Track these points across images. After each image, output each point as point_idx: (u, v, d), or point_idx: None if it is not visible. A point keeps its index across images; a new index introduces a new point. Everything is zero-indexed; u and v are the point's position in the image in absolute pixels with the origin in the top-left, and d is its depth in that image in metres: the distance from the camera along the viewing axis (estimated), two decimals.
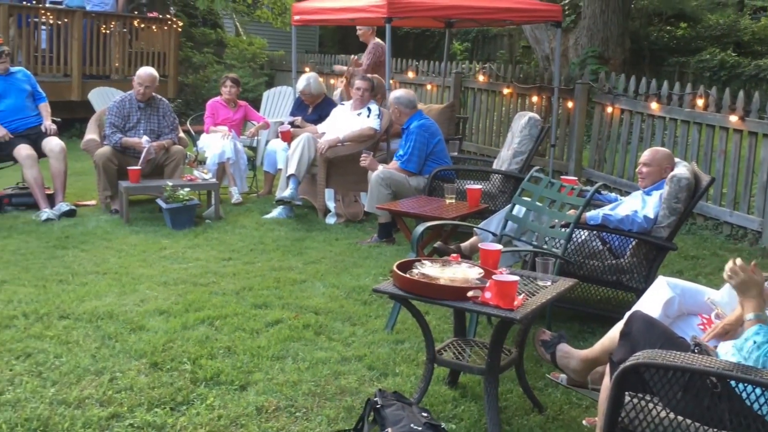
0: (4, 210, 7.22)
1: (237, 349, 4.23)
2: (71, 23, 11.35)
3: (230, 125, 8.33)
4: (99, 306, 4.77)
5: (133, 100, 7.48)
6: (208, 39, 17.03)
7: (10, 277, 5.31)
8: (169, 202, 6.79)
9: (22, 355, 4.03)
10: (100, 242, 6.31)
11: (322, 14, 8.89)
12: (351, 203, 7.48)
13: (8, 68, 7.46)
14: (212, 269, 5.71)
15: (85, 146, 7.64)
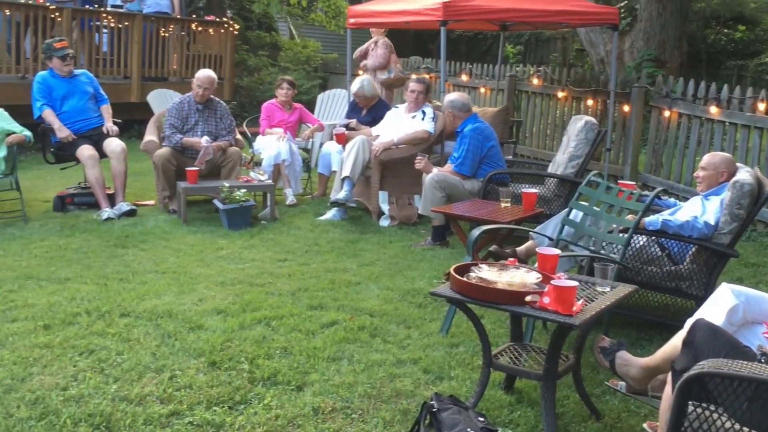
0: (66, 209, 7.40)
1: (293, 350, 4.27)
2: (132, 27, 11.58)
3: (286, 127, 8.41)
4: (158, 305, 4.86)
5: (192, 102, 7.61)
6: (263, 42, 17.23)
7: (74, 274, 5.44)
8: (225, 203, 6.89)
9: (85, 351, 4.13)
10: (159, 242, 6.43)
11: (377, 17, 8.92)
12: (405, 206, 7.50)
13: (72, 71, 7.65)
14: (268, 270, 5.77)
15: (145, 147, 7.80)
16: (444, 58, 7.79)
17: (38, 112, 7.46)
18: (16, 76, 10.43)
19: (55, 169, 8.25)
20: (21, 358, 4.00)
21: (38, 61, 10.45)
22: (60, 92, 7.49)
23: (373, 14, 8.94)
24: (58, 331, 4.37)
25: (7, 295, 4.95)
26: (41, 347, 4.15)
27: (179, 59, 12.58)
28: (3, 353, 4.05)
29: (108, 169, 7.45)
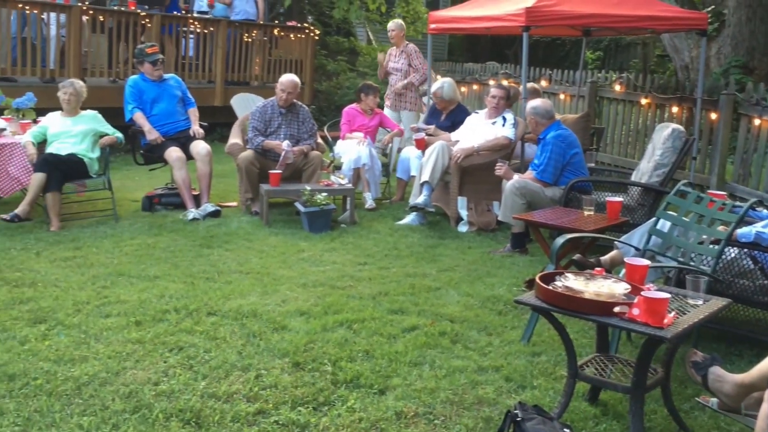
0: (154, 209, 7.62)
1: (375, 353, 4.30)
2: (216, 32, 11.85)
3: (366, 132, 8.48)
4: (243, 304, 4.96)
5: (275, 106, 7.74)
6: (341, 47, 17.39)
7: (162, 273, 5.60)
8: (307, 206, 6.99)
9: (174, 348, 4.25)
10: (242, 242, 6.56)
11: (458, 23, 8.92)
12: (483, 212, 7.47)
13: (162, 75, 7.87)
14: (349, 273, 5.83)
15: (229, 150, 7.97)
16: (525, 63, 7.74)
17: (129, 115, 7.71)
18: (107, 79, 10.78)
19: (143, 170, 8.51)
20: (115, 352, 4.14)
21: (129, 65, 10.79)
22: (150, 96, 7.72)
23: (454, 20, 8.95)
24: (149, 328, 4.50)
25: (101, 291, 5.13)
26: (133, 342, 4.28)
27: (261, 64, 12.81)
28: (98, 347, 4.20)
29: (194, 170, 7.65)
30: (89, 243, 6.34)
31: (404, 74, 9.80)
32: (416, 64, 9.80)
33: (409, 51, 9.87)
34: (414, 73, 9.79)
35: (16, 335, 4.32)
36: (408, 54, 9.84)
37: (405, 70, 9.80)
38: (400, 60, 9.86)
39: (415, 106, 9.85)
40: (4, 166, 7.00)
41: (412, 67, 9.81)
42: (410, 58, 9.82)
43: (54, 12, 10.16)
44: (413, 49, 9.90)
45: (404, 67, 9.80)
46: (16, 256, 5.90)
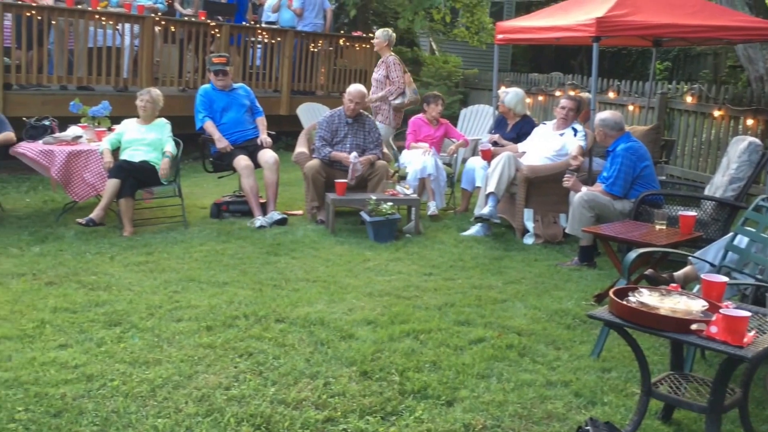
0: (222, 216, 7.74)
1: (442, 364, 4.29)
2: (283, 42, 12.01)
3: (431, 142, 8.49)
4: (311, 312, 5.00)
5: (342, 116, 7.80)
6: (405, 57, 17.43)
7: (231, 279, 5.68)
8: (372, 216, 7.02)
9: (244, 353, 4.31)
10: (309, 251, 6.62)
11: (526, 33, 8.87)
12: (550, 224, 7.40)
13: (230, 84, 8.01)
14: (414, 283, 5.84)
15: (296, 159, 8.06)
16: (595, 74, 7.66)
17: (200, 124, 7.86)
18: (177, 89, 11.01)
19: (210, 177, 8.66)
20: (187, 356, 4.22)
21: (198, 74, 11.01)
22: (220, 105, 7.86)
23: (522, 30, 8.91)
24: (220, 333, 4.58)
25: (172, 296, 5.24)
26: (204, 347, 4.36)
27: (326, 73, 12.93)
28: (171, 351, 4.29)
29: (261, 179, 7.75)
30: (160, 248, 6.47)
31: (381, 85, 9.35)
32: (393, 76, 9.23)
33: (388, 62, 9.30)
34: (390, 85, 9.28)
35: (93, 337, 4.43)
36: (387, 65, 9.31)
37: (382, 81, 9.33)
38: (380, 70, 9.40)
39: (387, 119, 9.26)
40: (80, 173, 7.20)
41: (389, 79, 9.33)
42: (388, 70, 9.29)
43: (128, 23, 10.43)
44: (393, 60, 9.36)
45: (381, 78, 9.34)
46: (91, 260, 6.06)
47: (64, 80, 9.95)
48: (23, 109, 9.14)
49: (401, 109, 9.36)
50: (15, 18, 9.28)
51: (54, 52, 9.84)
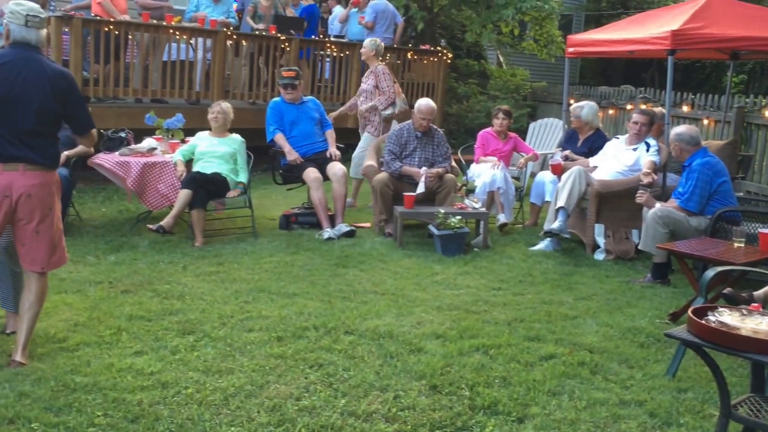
0: (291, 228, 7.82)
1: (512, 380, 4.25)
2: (352, 55, 12.10)
3: (500, 156, 8.43)
4: (380, 325, 5.01)
5: (411, 130, 7.81)
6: (472, 70, 17.41)
7: (300, 290, 5.73)
8: (440, 229, 7.00)
9: (315, 365, 4.33)
10: (377, 263, 6.64)
11: (599, 46, 8.76)
12: (621, 240, 7.28)
13: (300, 97, 8.10)
14: (483, 297, 5.80)
15: (364, 171, 8.11)
16: (670, 88, 7.52)
17: (271, 136, 7.97)
18: (247, 102, 11.19)
19: (279, 188, 8.76)
20: (259, 366, 4.26)
21: (268, 87, 11.17)
22: (290, 117, 7.96)
23: (594, 43, 8.80)
24: (290, 344, 4.62)
25: (243, 306, 5.30)
26: (275, 357, 4.40)
27: None
28: (243, 360, 4.34)
29: (329, 191, 7.81)
30: (231, 259, 6.57)
31: (370, 96, 9.18)
32: (383, 86, 9.04)
33: (377, 72, 9.11)
34: (380, 95, 9.11)
35: (167, 345, 4.52)
36: (376, 75, 9.11)
37: (371, 92, 9.17)
38: (368, 80, 9.20)
39: (377, 130, 9.02)
40: (155, 184, 7.36)
41: (379, 89, 9.14)
42: (377, 80, 9.08)
43: (201, 37, 10.66)
44: (382, 70, 9.22)
45: (370, 88, 9.18)
46: (164, 269, 6.18)
47: (139, 93, 10.20)
48: (100, 122, 9.34)
49: (391, 120, 9.17)
50: (94, 33, 9.56)
51: (130, 66, 10.11)
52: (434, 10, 15.38)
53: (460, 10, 15.93)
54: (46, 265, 4.26)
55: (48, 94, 4.09)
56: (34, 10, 4.06)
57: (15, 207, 4.07)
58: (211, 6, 11.04)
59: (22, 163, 4.05)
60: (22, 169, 4.05)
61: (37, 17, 4.06)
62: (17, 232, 4.19)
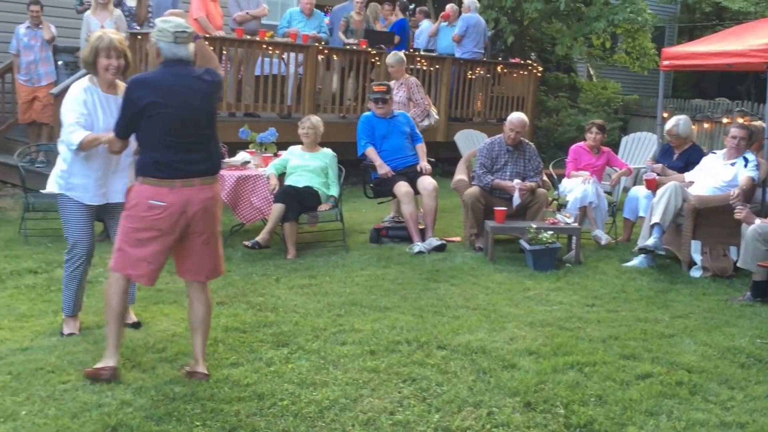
0: (381, 241, 7.87)
1: (608, 399, 4.18)
2: (441, 69, 12.14)
3: (592, 171, 8.29)
4: (472, 340, 4.99)
5: (503, 144, 7.77)
6: (561, 83, 17.22)
7: (392, 304, 5.76)
8: (532, 244, 6.94)
9: (408, 379, 4.35)
10: (468, 278, 6.61)
11: (695, 59, 8.56)
12: (719, 257, 7.06)
13: (391, 112, 8.16)
14: (576, 314, 5.71)
15: (455, 186, 8.11)
16: None
17: (362, 150, 8.06)
18: (337, 115, 11.34)
19: (369, 202, 8.83)
20: (352, 379, 4.30)
21: (358, 101, 11.30)
22: (381, 131, 8.03)
23: (690, 56, 8.61)
24: (383, 357, 4.64)
25: (336, 319, 5.36)
26: (369, 371, 4.43)
27: (483, 100, 12.95)
28: (336, 373, 4.39)
29: (420, 205, 7.83)
30: (323, 272, 6.65)
31: (404, 108, 8.99)
32: (417, 98, 9.05)
33: (410, 84, 9.11)
34: (415, 107, 9.07)
35: (262, 357, 4.60)
36: (408, 87, 9.07)
37: (404, 103, 9.04)
38: (400, 92, 9.04)
39: None
40: (248, 197, 7.53)
41: (413, 101, 9.08)
42: (411, 92, 9.06)
43: (293, 52, 10.86)
44: (414, 82, 9.19)
45: (403, 100, 9.05)
46: (258, 281, 6.31)
47: (233, 107, 10.46)
48: None
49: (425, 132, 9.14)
50: None
51: (225, 81, 10.37)
52: (524, 24, 15.29)
53: (551, 23, 15.80)
54: (210, 274, 4.37)
55: (208, 105, 4.23)
56: (181, 26, 4.15)
57: (190, 222, 4.16)
58: (304, 21, 11.26)
59: (198, 177, 4.15)
60: (199, 185, 4.15)
61: (185, 33, 4.15)
62: (186, 244, 4.24)
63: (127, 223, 4.17)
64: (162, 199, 4.07)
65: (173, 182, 4.09)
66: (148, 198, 4.09)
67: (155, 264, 4.18)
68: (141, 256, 4.14)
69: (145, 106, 4.05)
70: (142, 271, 4.17)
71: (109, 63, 4.59)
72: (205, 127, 4.21)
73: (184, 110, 4.11)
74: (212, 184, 4.25)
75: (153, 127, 4.10)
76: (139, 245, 4.13)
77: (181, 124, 4.11)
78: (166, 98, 4.07)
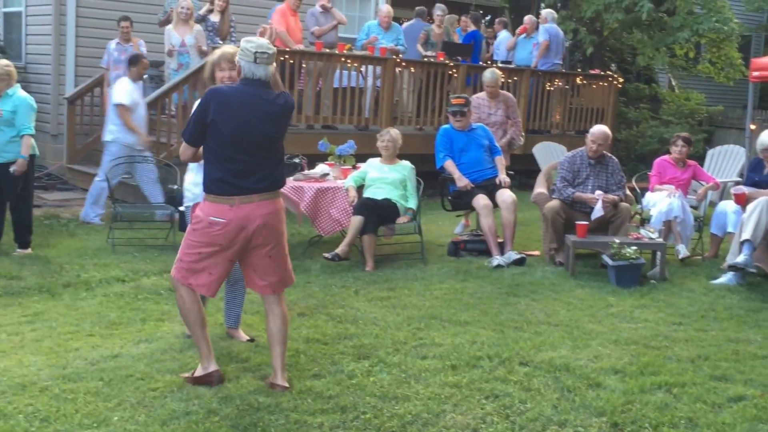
0: (459, 254, 7.82)
1: (699, 422, 4.06)
2: (520, 81, 12.03)
3: (677, 185, 8.07)
4: (555, 357, 4.89)
5: (584, 157, 7.63)
6: (642, 94, 16.87)
7: (471, 319, 5.70)
8: (615, 259, 6.78)
9: (490, 395, 4.29)
10: (548, 293, 6.50)
11: None
12: None
13: (470, 124, 8.10)
14: (662, 332, 5.55)
15: (535, 199, 8.00)
16: None
17: (440, 162, 8.02)
18: (415, 128, 11.34)
19: (445, 214, 8.78)
20: (434, 394, 4.27)
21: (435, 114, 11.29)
22: (459, 144, 7.97)
23: None
24: (464, 373, 4.59)
25: (416, 332, 5.34)
26: (450, 386, 4.39)
27: (562, 112, 12.79)
28: (418, 387, 4.36)
29: (498, 218, 7.75)
30: (401, 284, 6.64)
31: (502, 126, 8.83)
32: (515, 116, 8.99)
33: (510, 102, 8.98)
34: (513, 127, 8.92)
35: (344, 369, 4.60)
36: (507, 104, 8.91)
37: (502, 122, 8.85)
38: (498, 111, 8.84)
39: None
40: (327, 209, 7.57)
41: (511, 119, 8.90)
42: (509, 109, 8.90)
43: (371, 65, 10.92)
44: (513, 98, 9.01)
45: (502, 119, 8.85)
46: (337, 293, 6.33)
47: (311, 120, 10.56)
48: None
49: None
50: None
51: (304, 93, 10.48)
52: (604, 34, 15.05)
53: (631, 33, 15.50)
54: (276, 287, 4.42)
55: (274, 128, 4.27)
56: (263, 46, 4.22)
57: (250, 237, 4.23)
58: (382, 33, 11.32)
59: (256, 194, 4.21)
60: (257, 200, 4.21)
61: (266, 53, 4.21)
62: (250, 257, 4.33)
63: (190, 236, 4.30)
64: (222, 216, 4.16)
65: (233, 199, 4.16)
66: (210, 215, 4.19)
67: (215, 275, 4.27)
68: (201, 267, 4.24)
69: (210, 121, 4.15)
70: (203, 281, 4.26)
71: (222, 75, 4.70)
72: (267, 149, 4.24)
73: (246, 131, 4.16)
74: (272, 199, 4.29)
75: (214, 143, 4.19)
76: (200, 259, 4.24)
77: (240, 144, 4.17)
78: (231, 116, 4.14)
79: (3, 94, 7.28)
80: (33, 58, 12.02)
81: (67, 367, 4.55)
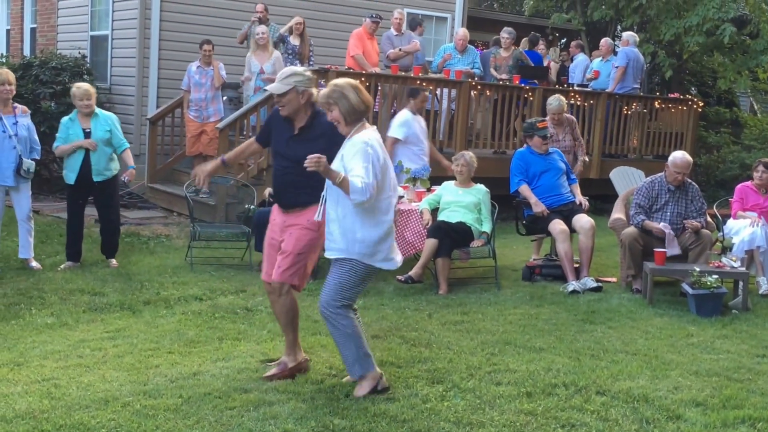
0: (534, 279, 7.74)
1: None
2: (596, 105, 11.89)
3: (760, 212, 7.83)
4: (633, 387, 4.79)
5: (663, 183, 7.47)
6: (722, 118, 16.49)
7: (546, 345, 5.63)
8: (695, 288, 6.61)
9: (566, 424, 4.23)
10: (625, 321, 6.38)
11: None
12: None
13: (548, 149, 8.02)
14: (746, 365, 5.38)
15: (612, 224, 7.88)
16: None
17: (515, 187, 7.96)
18: (490, 151, 11.31)
19: (520, 238, 8.70)
20: (509, 421, 4.23)
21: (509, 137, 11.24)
22: (536, 169, 7.90)
23: None
24: (540, 400, 4.53)
25: (490, 358, 5.29)
26: (526, 414, 4.34)
27: (639, 136, 12.57)
28: (493, 414, 4.32)
29: (575, 243, 7.65)
30: (475, 309, 6.60)
31: (571, 150, 8.73)
32: (577, 135, 8.93)
33: (573, 125, 8.87)
34: (579, 147, 8.84)
35: (418, 393, 4.60)
36: (572, 127, 8.83)
37: (572, 146, 8.76)
38: (566, 138, 8.74)
39: None
40: (402, 231, 7.59)
41: (577, 141, 8.83)
42: (574, 132, 8.82)
43: (447, 87, 10.96)
44: (574, 120, 8.94)
45: (570, 143, 8.75)
46: (410, 316, 6.34)
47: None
48: None
49: None
50: None
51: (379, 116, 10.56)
52: (683, 57, 14.77)
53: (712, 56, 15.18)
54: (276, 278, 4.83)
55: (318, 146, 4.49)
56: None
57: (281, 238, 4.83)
58: (457, 57, 11.36)
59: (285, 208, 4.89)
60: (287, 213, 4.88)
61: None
62: None
63: None
64: (273, 218, 4.98)
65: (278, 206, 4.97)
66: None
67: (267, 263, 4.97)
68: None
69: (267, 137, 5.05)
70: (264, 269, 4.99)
71: None
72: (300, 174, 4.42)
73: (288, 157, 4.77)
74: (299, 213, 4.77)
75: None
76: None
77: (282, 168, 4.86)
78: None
79: (92, 114, 7.59)
80: (118, 80, 12.43)
81: (147, 384, 4.66)
